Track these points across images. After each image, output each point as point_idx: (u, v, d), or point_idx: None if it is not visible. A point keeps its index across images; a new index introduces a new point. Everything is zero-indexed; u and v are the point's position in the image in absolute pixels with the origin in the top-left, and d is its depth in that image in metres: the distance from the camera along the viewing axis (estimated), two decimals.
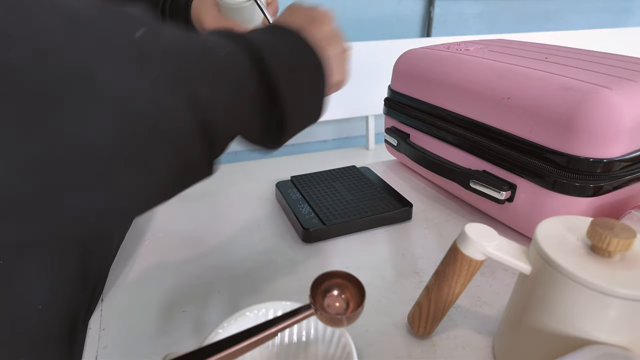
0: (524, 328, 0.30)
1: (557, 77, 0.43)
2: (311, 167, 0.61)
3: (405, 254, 0.46)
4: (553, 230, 0.29)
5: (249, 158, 1.65)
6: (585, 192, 0.40)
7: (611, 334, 0.26)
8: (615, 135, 0.38)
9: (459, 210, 0.55)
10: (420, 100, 0.57)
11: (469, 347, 0.35)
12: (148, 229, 0.51)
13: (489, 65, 0.50)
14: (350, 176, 0.59)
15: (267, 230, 0.51)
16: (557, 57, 0.50)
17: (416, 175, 0.64)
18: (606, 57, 0.51)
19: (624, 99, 0.38)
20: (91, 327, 0.37)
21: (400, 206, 0.51)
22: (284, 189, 0.56)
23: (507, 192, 0.46)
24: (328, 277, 0.29)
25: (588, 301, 0.25)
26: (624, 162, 0.40)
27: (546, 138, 0.41)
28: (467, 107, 0.50)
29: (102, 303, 0.40)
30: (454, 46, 0.59)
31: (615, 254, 0.26)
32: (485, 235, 0.30)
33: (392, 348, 0.35)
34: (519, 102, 0.44)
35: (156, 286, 0.42)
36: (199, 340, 0.30)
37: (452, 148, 0.53)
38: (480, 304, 0.39)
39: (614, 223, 0.26)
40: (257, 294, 0.41)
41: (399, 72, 0.62)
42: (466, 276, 0.31)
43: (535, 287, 0.28)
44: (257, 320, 0.27)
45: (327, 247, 0.47)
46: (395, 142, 0.62)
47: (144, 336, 0.36)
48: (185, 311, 0.38)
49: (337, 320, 0.27)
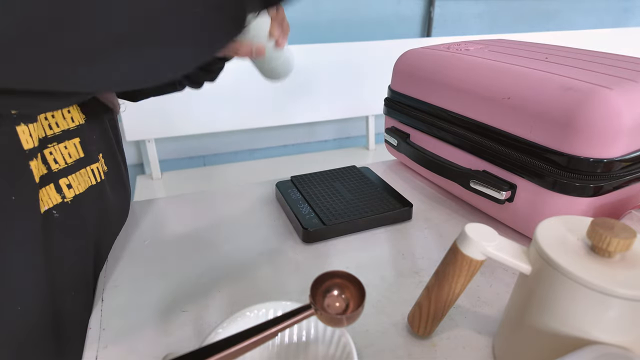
0: (524, 328, 0.30)
1: (558, 77, 0.43)
2: (311, 167, 0.61)
3: (405, 254, 0.46)
4: (553, 231, 0.29)
5: (249, 158, 1.65)
6: (585, 192, 0.40)
7: (611, 334, 0.26)
8: (615, 135, 0.38)
9: (459, 210, 0.55)
10: (420, 100, 0.57)
11: (469, 347, 0.35)
12: (148, 229, 0.51)
13: (489, 65, 0.50)
14: (351, 176, 0.59)
15: (267, 230, 0.51)
16: (558, 57, 0.50)
17: (416, 175, 0.64)
18: (606, 57, 0.51)
19: (625, 99, 0.38)
20: (91, 327, 0.37)
21: (400, 206, 0.51)
22: (284, 189, 0.56)
23: (507, 192, 0.46)
24: (328, 277, 0.29)
25: (588, 301, 0.25)
26: (624, 162, 0.40)
27: (546, 138, 0.41)
28: (467, 107, 0.50)
29: (102, 303, 0.40)
30: (454, 46, 0.59)
31: (615, 254, 0.26)
32: (486, 235, 0.30)
33: (392, 348, 0.35)
34: (519, 102, 0.44)
35: (156, 286, 0.42)
36: (199, 340, 0.30)
37: (452, 148, 0.53)
38: (481, 304, 0.39)
39: (614, 223, 0.26)
40: (257, 294, 0.41)
41: (399, 72, 0.62)
42: (466, 276, 0.31)
43: (535, 287, 0.28)
44: (257, 320, 0.27)
45: (327, 247, 0.47)
46: (395, 142, 0.62)
47: (144, 336, 0.36)
48: (185, 311, 0.38)
49: (337, 320, 0.27)
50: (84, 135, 0.39)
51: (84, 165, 0.39)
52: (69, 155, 0.38)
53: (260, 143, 1.68)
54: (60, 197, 0.36)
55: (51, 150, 0.36)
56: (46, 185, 0.35)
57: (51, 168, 0.36)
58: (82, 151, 0.39)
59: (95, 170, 0.41)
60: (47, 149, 0.35)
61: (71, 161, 0.38)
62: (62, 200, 0.37)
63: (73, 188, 0.38)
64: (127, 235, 0.50)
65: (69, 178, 0.37)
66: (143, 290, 0.41)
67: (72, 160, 0.38)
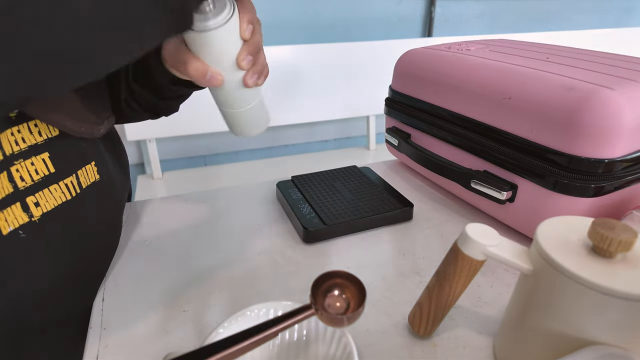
0: (525, 328, 0.30)
1: (559, 77, 0.43)
2: (312, 167, 0.61)
3: (406, 254, 0.46)
4: (554, 231, 0.29)
5: (250, 158, 1.65)
6: (586, 192, 0.40)
7: (612, 335, 0.26)
8: (616, 135, 0.38)
9: (460, 210, 0.55)
10: (421, 100, 0.57)
11: (469, 347, 0.35)
12: (149, 229, 0.51)
13: (490, 65, 0.50)
14: (351, 176, 0.59)
15: (267, 230, 0.51)
16: (559, 57, 0.50)
17: (417, 175, 0.64)
18: (608, 57, 0.51)
19: (626, 99, 0.38)
20: (92, 327, 0.37)
21: (401, 206, 0.51)
22: (285, 188, 0.56)
23: (508, 192, 0.46)
24: (329, 277, 0.29)
25: (589, 301, 0.25)
26: (625, 163, 0.40)
27: (547, 138, 0.41)
28: (468, 107, 0.50)
29: (103, 302, 0.40)
30: (455, 46, 0.59)
31: (616, 255, 0.26)
32: (486, 236, 0.30)
33: (392, 348, 0.35)
34: (520, 102, 0.44)
35: (157, 286, 0.42)
36: (199, 340, 0.30)
37: (453, 148, 0.53)
38: (481, 304, 0.39)
39: (615, 223, 0.26)
40: (257, 294, 0.41)
41: (400, 72, 0.62)
42: (467, 276, 0.31)
43: (536, 288, 0.28)
44: (258, 320, 0.27)
45: (328, 247, 0.47)
46: (396, 142, 0.62)
47: (144, 336, 0.36)
48: (185, 311, 0.38)
49: (337, 320, 0.27)
50: (53, 150, 0.36)
51: (55, 181, 0.37)
52: (36, 172, 0.35)
53: (261, 143, 1.68)
54: (27, 216, 0.34)
55: (17, 167, 0.34)
56: (12, 205, 0.33)
57: (17, 186, 0.34)
58: (53, 166, 0.36)
59: (69, 184, 0.38)
60: (14, 166, 0.33)
61: (38, 178, 0.35)
62: (30, 219, 0.34)
63: (41, 206, 0.35)
64: (128, 234, 0.50)
65: (35, 196, 0.35)
66: (144, 289, 0.41)
67: (38, 177, 0.35)
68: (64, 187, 0.37)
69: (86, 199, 0.40)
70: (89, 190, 0.40)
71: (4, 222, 0.32)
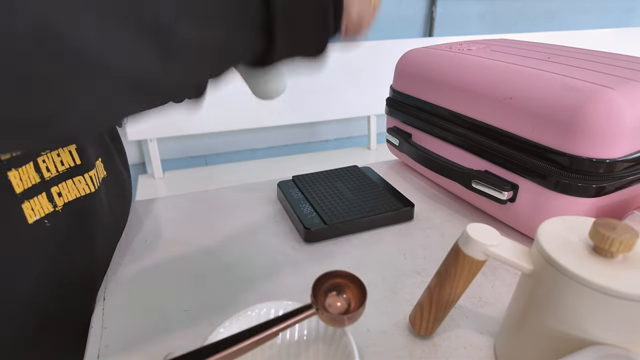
0: (526, 328, 0.30)
1: (560, 77, 0.43)
2: (313, 167, 0.61)
3: (406, 254, 0.46)
4: (555, 231, 0.29)
5: (251, 158, 1.65)
6: (587, 192, 0.40)
7: (613, 335, 0.25)
8: (617, 135, 0.38)
9: (461, 210, 0.55)
10: (422, 100, 0.57)
11: (470, 347, 0.35)
12: (150, 229, 0.51)
13: (491, 65, 0.50)
14: (352, 176, 0.59)
15: (268, 229, 0.51)
16: (560, 56, 0.50)
17: (418, 175, 0.64)
18: (609, 57, 0.50)
19: (627, 99, 0.38)
20: (93, 326, 0.37)
21: (402, 206, 0.51)
22: (286, 188, 0.56)
23: (509, 193, 0.46)
24: (330, 277, 0.29)
25: (590, 302, 0.25)
26: (626, 163, 0.40)
27: (548, 138, 0.41)
28: (469, 107, 0.50)
29: (104, 302, 0.40)
30: (456, 46, 0.59)
31: (617, 255, 0.26)
32: (487, 236, 0.30)
33: (393, 348, 0.35)
34: (521, 102, 0.44)
35: (157, 286, 0.42)
36: (200, 340, 0.30)
37: (454, 148, 0.53)
38: (482, 304, 0.39)
39: (616, 224, 0.26)
40: (258, 294, 0.41)
41: (401, 72, 0.61)
42: (468, 276, 0.31)
43: (537, 288, 0.28)
44: (259, 320, 0.27)
45: (329, 246, 0.47)
46: (397, 142, 0.62)
47: (145, 335, 0.36)
48: (186, 310, 0.38)
49: (338, 320, 0.27)
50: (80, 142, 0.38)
51: (80, 173, 0.38)
52: (61, 163, 0.36)
53: (262, 143, 1.68)
54: (52, 205, 0.36)
55: (44, 158, 0.35)
56: (38, 195, 0.34)
57: (44, 177, 0.35)
58: (79, 158, 0.38)
59: (94, 177, 0.40)
60: (40, 157, 0.35)
61: (63, 169, 0.37)
62: (54, 209, 0.36)
63: (63, 196, 0.36)
64: (129, 234, 0.50)
65: (59, 186, 0.36)
66: (144, 289, 0.41)
67: (63, 169, 0.37)
68: (88, 179, 0.39)
69: (100, 194, 0.41)
70: (102, 185, 0.41)
71: (30, 210, 0.33)
